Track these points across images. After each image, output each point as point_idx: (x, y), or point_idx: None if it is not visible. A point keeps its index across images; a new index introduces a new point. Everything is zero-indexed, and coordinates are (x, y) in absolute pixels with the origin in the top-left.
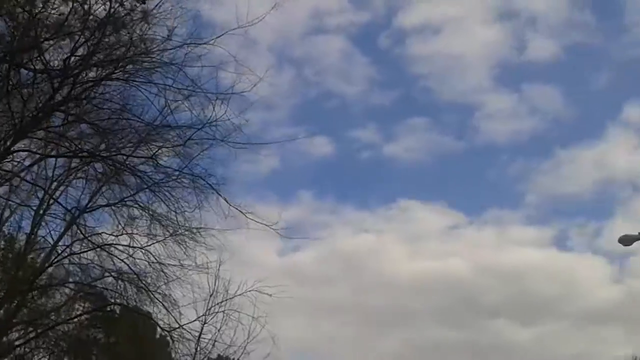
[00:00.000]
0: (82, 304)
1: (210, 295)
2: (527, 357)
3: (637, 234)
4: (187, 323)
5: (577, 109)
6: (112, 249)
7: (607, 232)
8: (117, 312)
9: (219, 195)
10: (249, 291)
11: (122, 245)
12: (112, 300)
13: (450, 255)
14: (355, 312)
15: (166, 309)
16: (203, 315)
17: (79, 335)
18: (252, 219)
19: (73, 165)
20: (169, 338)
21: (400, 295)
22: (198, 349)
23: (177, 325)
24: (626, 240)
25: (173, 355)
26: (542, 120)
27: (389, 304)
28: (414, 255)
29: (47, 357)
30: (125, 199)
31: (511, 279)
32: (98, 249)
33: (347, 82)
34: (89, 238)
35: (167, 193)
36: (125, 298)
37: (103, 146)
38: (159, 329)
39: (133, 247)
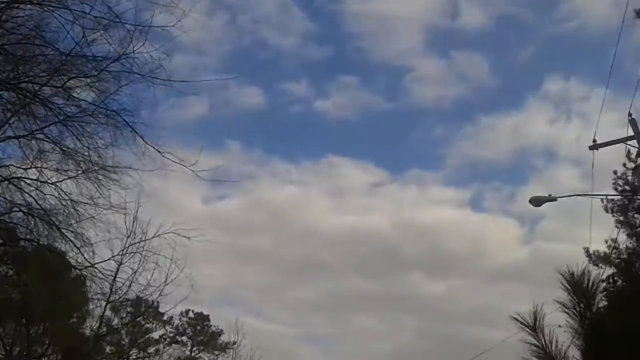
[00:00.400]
0: None
1: (128, 237)
2: (439, 308)
3: (547, 195)
4: (101, 262)
5: (502, 78)
6: (21, 182)
7: (520, 196)
8: (28, 249)
9: (135, 132)
10: (167, 233)
11: (31, 179)
12: (22, 236)
13: (372, 211)
14: (277, 261)
15: (77, 248)
16: (119, 254)
17: None
18: (170, 159)
19: None
20: (83, 277)
21: (322, 247)
22: (113, 289)
23: (89, 264)
24: (536, 201)
25: (88, 296)
26: (468, 88)
27: (310, 255)
28: (338, 209)
29: None
30: (35, 132)
31: (428, 236)
32: (5, 182)
33: (282, 34)
34: None
35: (80, 128)
36: (36, 234)
37: (12, 74)
38: (73, 269)
39: (43, 181)
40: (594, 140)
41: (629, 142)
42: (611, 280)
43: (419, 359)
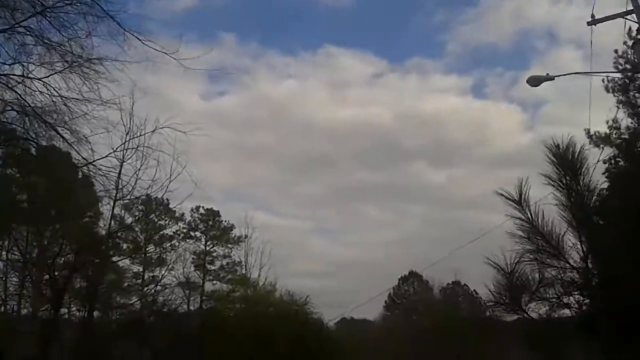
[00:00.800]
0: None
1: (127, 133)
2: (442, 196)
3: (545, 74)
4: (101, 158)
5: None
6: (11, 80)
7: (522, 82)
8: (31, 151)
9: (112, 18)
10: (162, 128)
11: (17, 75)
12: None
13: (373, 102)
14: (281, 157)
15: (70, 145)
16: (118, 150)
17: None
18: (152, 47)
19: None
20: (90, 177)
21: (323, 141)
22: (119, 187)
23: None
24: (534, 81)
25: (98, 196)
26: None
27: (313, 150)
28: (338, 102)
29: None
30: (15, 25)
31: (430, 126)
32: None
33: None
34: None
35: (60, 19)
36: (32, 134)
37: None
38: (79, 169)
39: (30, 77)
40: (592, 16)
41: (628, 17)
42: (612, 162)
43: (425, 244)
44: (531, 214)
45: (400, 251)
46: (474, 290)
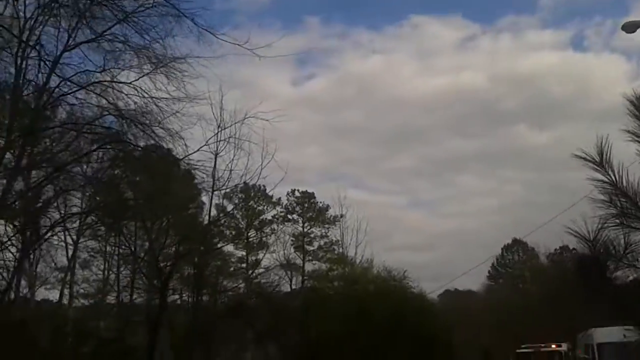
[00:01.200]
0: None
1: (218, 127)
2: (544, 158)
3: None
4: (194, 152)
5: None
6: (103, 87)
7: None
8: (135, 153)
9: (185, 16)
10: (247, 118)
11: (107, 81)
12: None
13: (464, 68)
14: (370, 133)
15: (163, 142)
16: (213, 141)
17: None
18: (224, 40)
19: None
20: (190, 172)
21: (414, 113)
22: (215, 178)
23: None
24: (630, 27)
25: (199, 188)
26: None
27: (405, 123)
28: (428, 72)
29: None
30: (104, 33)
31: (527, 85)
32: (90, 87)
33: None
34: (76, 77)
35: (142, 24)
36: (133, 137)
37: None
38: (179, 166)
39: (122, 82)
40: None
41: None
42: None
43: (529, 210)
44: (615, 175)
45: (502, 219)
46: None
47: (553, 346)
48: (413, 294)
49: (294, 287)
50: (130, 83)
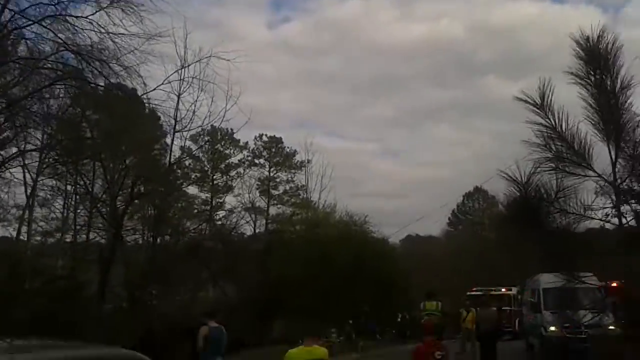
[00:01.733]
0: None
1: (182, 66)
2: (516, 110)
3: None
4: (152, 89)
5: None
6: (58, 21)
7: None
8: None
9: None
10: (207, 57)
11: (64, 14)
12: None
13: (442, 16)
14: (347, 81)
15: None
16: (174, 80)
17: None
18: None
19: None
20: (154, 112)
21: (391, 61)
22: (177, 119)
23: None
24: None
25: (163, 129)
26: None
27: (379, 72)
28: (406, 18)
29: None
30: None
31: (504, 36)
32: (45, 20)
33: None
34: (31, 10)
35: None
36: (91, 74)
37: None
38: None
39: (77, 16)
40: None
41: None
42: None
43: (497, 161)
44: (554, 119)
45: (470, 169)
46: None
47: (503, 290)
48: (374, 239)
49: (257, 230)
50: (86, 17)
